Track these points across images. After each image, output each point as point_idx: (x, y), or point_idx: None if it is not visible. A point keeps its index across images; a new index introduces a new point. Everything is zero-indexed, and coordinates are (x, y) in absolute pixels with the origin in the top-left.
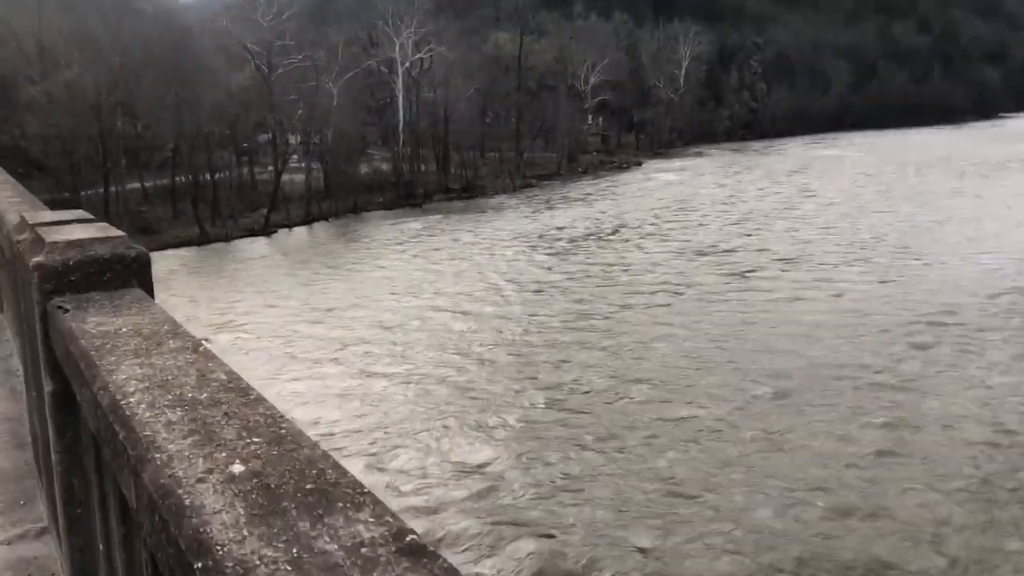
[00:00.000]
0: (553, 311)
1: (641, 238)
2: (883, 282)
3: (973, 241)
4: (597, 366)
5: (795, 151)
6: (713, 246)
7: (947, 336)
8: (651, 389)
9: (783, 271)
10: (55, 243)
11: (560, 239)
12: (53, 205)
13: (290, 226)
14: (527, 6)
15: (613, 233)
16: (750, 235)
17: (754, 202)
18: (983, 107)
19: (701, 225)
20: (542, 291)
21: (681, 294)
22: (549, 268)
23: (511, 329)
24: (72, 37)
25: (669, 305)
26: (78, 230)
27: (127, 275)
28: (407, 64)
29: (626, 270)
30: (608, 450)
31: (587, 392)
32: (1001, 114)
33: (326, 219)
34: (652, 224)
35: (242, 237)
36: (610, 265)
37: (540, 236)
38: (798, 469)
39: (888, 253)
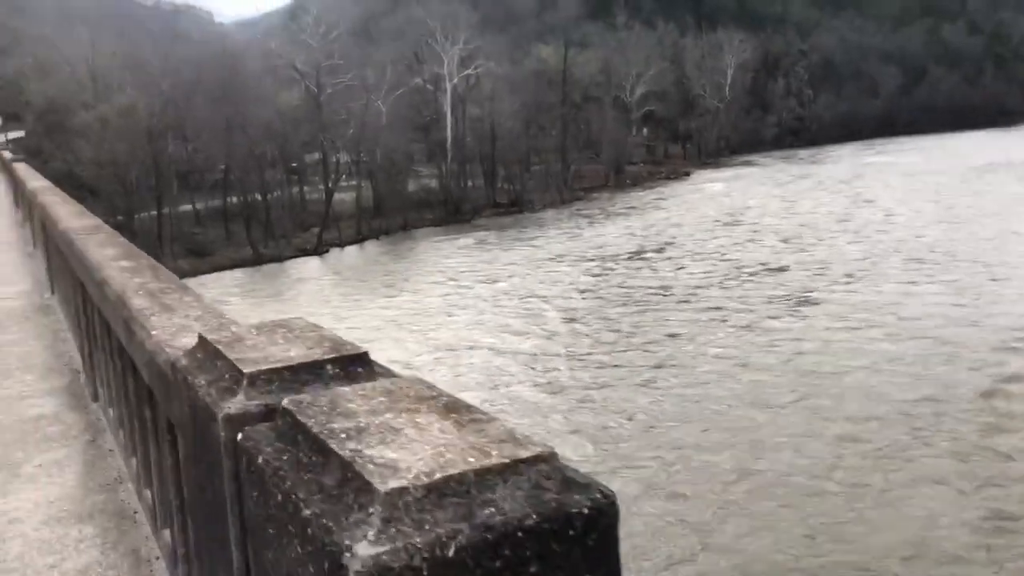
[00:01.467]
0: (598, 340)
1: (695, 256)
2: (958, 304)
3: None
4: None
5: (846, 158)
6: (767, 263)
7: None
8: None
9: (848, 292)
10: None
11: (610, 257)
12: None
13: (342, 245)
14: (570, 18)
15: (661, 251)
16: (806, 251)
17: (807, 214)
18: None
19: (752, 240)
20: (586, 317)
21: (741, 323)
22: (596, 290)
23: (554, 363)
24: (123, 62)
25: (729, 334)
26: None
27: None
28: (455, 80)
29: (682, 291)
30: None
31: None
32: None
33: (376, 237)
34: (705, 239)
35: (294, 257)
36: (664, 289)
37: (588, 254)
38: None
39: (961, 269)
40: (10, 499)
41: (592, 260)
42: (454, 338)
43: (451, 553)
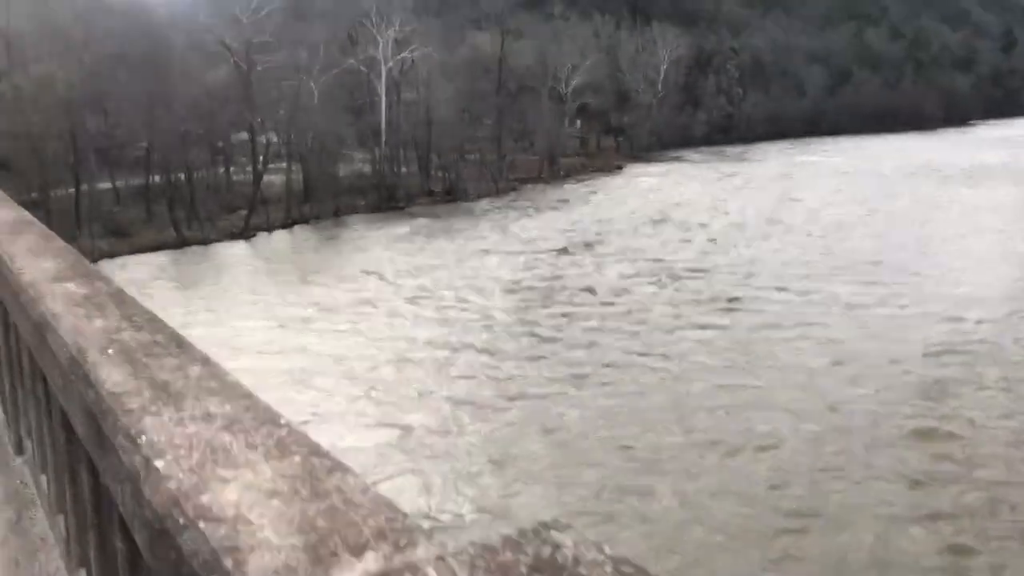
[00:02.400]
0: (517, 346)
1: (622, 254)
2: (888, 304)
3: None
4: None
5: (774, 156)
6: (697, 266)
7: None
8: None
9: (775, 296)
10: None
11: (539, 252)
12: (20, 206)
13: (269, 229)
14: (506, 7)
15: (590, 247)
16: (732, 251)
17: (736, 213)
18: (953, 114)
19: (684, 241)
20: (506, 320)
21: (665, 327)
22: (520, 289)
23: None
24: (41, 30)
25: (651, 339)
26: None
27: None
28: (390, 64)
29: (607, 292)
30: None
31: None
32: (971, 121)
33: (307, 222)
34: (633, 237)
35: (220, 240)
36: (588, 289)
37: (517, 248)
38: None
39: (888, 272)
40: None
41: (521, 254)
42: (363, 341)
43: None
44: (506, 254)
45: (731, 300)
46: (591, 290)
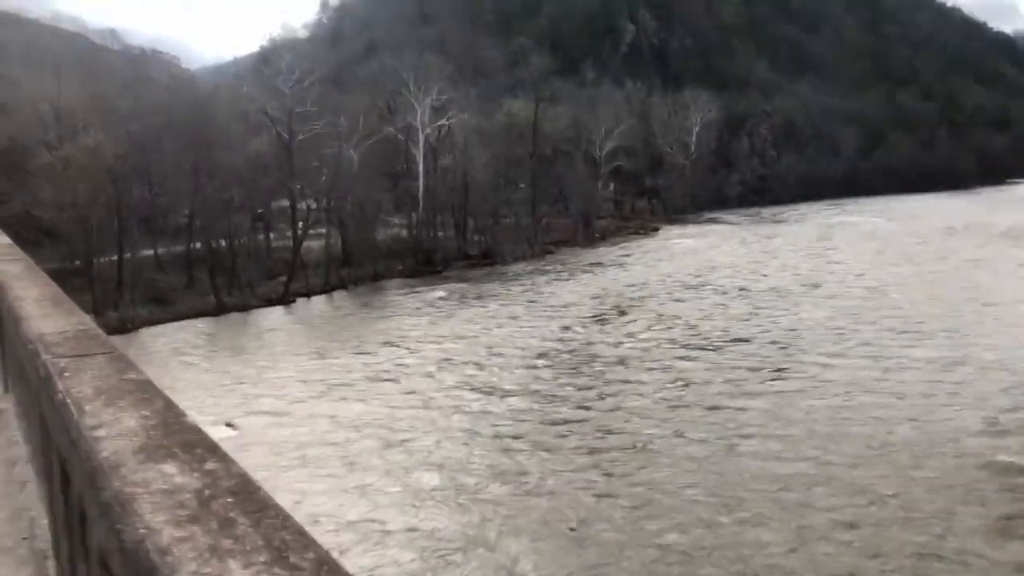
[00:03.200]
0: (546, 421)
1: (661, 320)
2: (946, 379)
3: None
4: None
5: (810, 217)
6: (737, 334)
7: None
8: None
9: (826, 366)
10: None
11: (577, 318)
12: (64, 274)
13: (309, 295)
14: (540, 74)
15: (625, 313)
16: (775, 319)
17: (775, 277)
18: (990, 172)
19: (720, 304)
20: (538, 391)
21: (706, 403)
22: (555, 357)
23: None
24: (89, 104)
25: (692, 416)
26: None
27: None
28: (427, 130)
29: (646, 362)
30: None
31: None
32: (1009, 180)
33: (345, 287)
34: (672, 302)
35: (260, 307)
36: (624, 360)
37: (555, 313)
38: None
39: (941, 339)
40: None
41: (558, 318)
42: (391, 411)
43: None
44: (538, 320)
45: (777, 370)
46: (623, 362)
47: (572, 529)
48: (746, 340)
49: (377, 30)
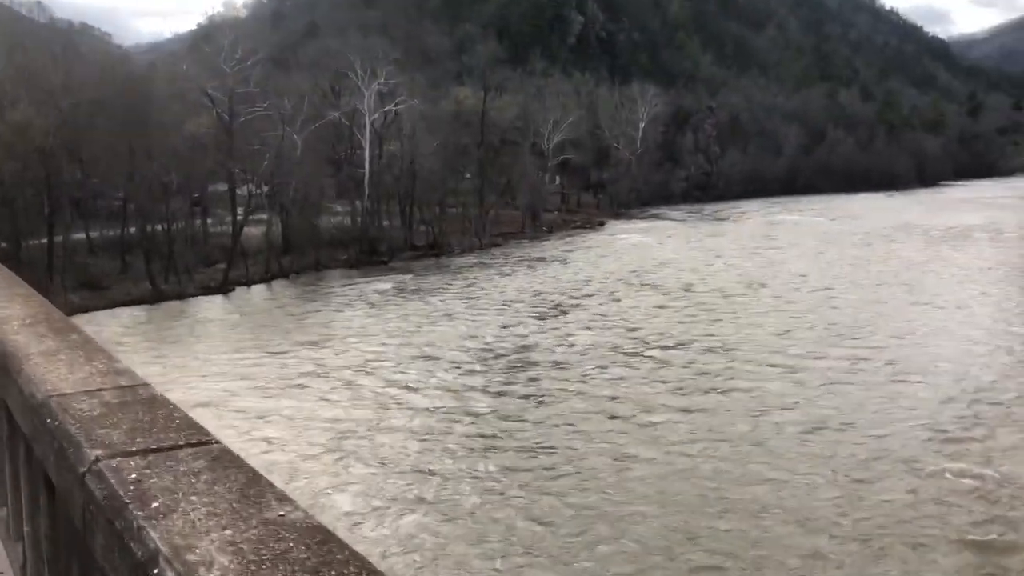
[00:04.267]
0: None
1: (601, 321)
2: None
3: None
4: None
5: (753, 215)
6: (679, 338)
7: None
8: None
9: (769, 375)
10: None
11: (522, 313)
12: None
13: (248, 284)
14: (488, 62)
15: (567, 312)
16: (718, 323)
17: (719, 276)
18: (924, 174)
19: (663, 308)
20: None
21: (629, 412)
22: (492, 357)
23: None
24: (16, 76)
25: (616, 427)
26: None
27: None
28: (374, 116)
29: (584, 366)
30: None
31: None
32: (941, 182)
33: (286, 276)
34: (615, 301)
35: (198, 295)
36: (560, 363)
37: (499, 310)
38: None
39: (889, 344)
40: None
41: (500, 316)
42: (329, 413)
43: None
44: (478, 317)
45: (717, 376)
46: (560, 366)
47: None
48: (686, 344)
49: (319, 11)
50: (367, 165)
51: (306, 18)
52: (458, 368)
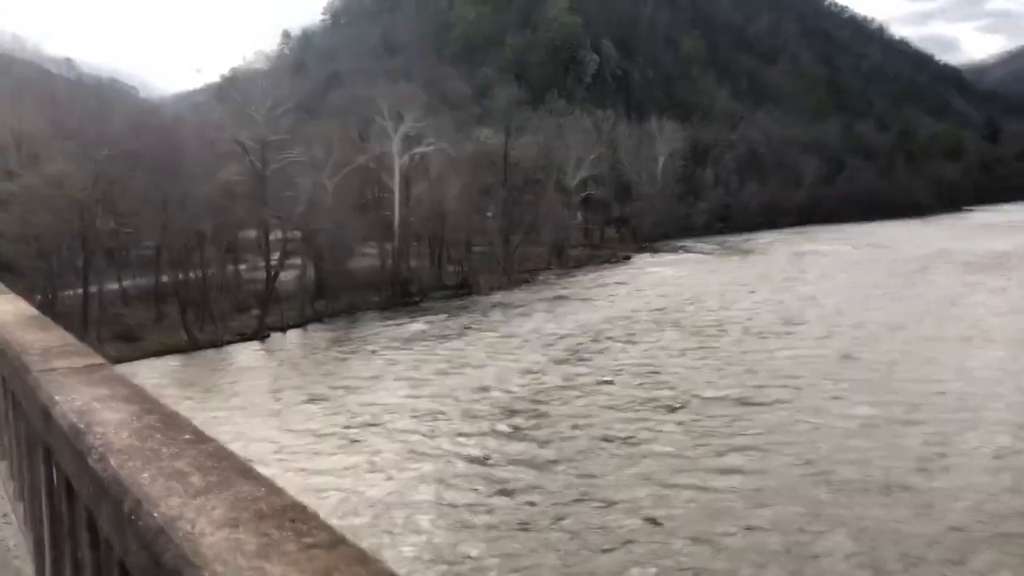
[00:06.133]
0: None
1: (629, 369)
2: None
3: None
4: None
5: (778, 246)
6: (719, 386)
7: None
8: None
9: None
10: None
11: (539, 361)
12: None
13: (283, 329)
14: (509, 104)
15: (594, 357)
16: (758, 369)
17: (751, 314)
18: (946, 200)
19: (693, 352)
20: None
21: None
22: (527, 409)
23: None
24: (52, 131)
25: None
26: None
27: None
28: (403, 159)
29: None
30: None
31: None
32: (963, 208)
33: (321, 320)
34: (642, 343)
35: (233, 342)
36: (610, 408)
37: (520, 356)
38: None
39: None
40: None
41: (517, 360)
42: (368, 466)
43: None
44: (502, 361)
45: (755, 435)
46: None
47: None
48: (730, 397)
49: (341, 60)
50: (396, 208)
51: (328, 67)
52: (502, 416)
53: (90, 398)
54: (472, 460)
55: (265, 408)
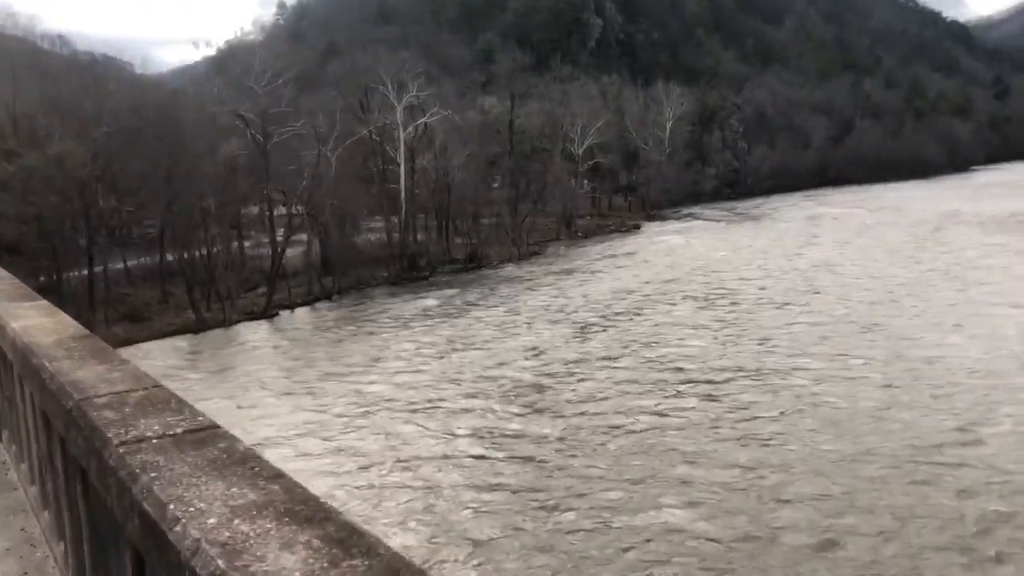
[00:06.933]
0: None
1: (642, 342)
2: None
3: None
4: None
5: (789, 211)
6: (729, 361)
7: None
8: None
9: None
10: None
11: (545, 340)
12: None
13: (292, 307)
14: (513, 70)
15: (607, 328)
16: (779, 339)
17: (767, 281)
18: (955, 160)
19: (708, 328)
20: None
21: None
22: (541, 386)
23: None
24: (50, 109)
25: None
26: None
27: None
28: (408, 130)
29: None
30: None
31: None
32: (972, 167)
33: (329, 297)
34: (657, 313)
35: (241, 321)
36: (625, 384)
37: (528, 333)
38: None
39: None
40: None
41: (524, 339)
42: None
43: None
44: (507, 341)
45: (773, 417)
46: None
47: None
48: (741, 371)
49: (337, 30)
50: (402, 180)
51: (324, 37)
52: (513, 394)
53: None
54: (507, 435)
55: (280, 387)
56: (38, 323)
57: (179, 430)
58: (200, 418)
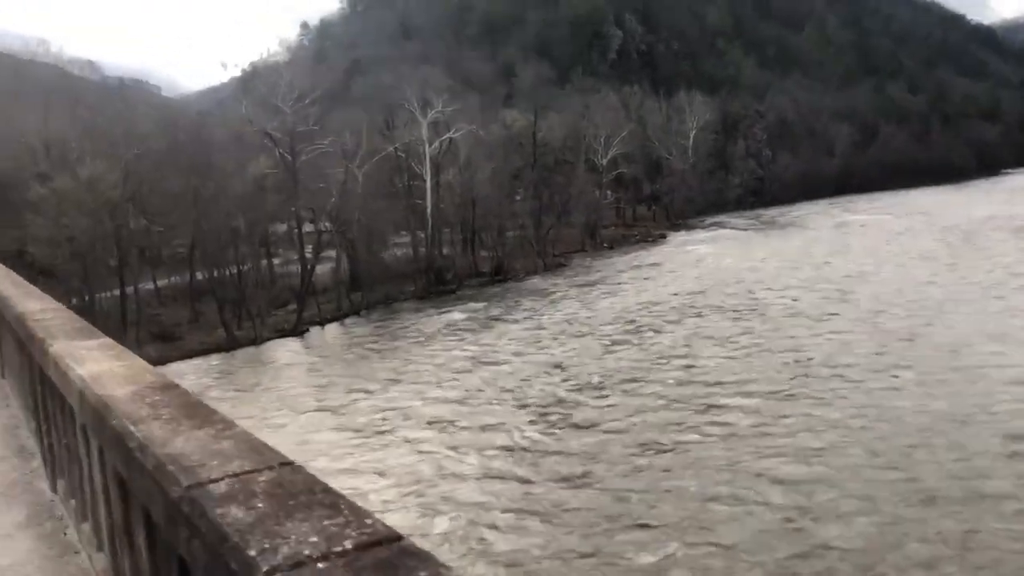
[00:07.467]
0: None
1: (673, 364)
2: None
3: None
4: None
5: (815, 219)
6: (774, 385)
7: None
8: None
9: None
10: None
11: (570, 355)
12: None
13: (321, 323)
14: (536, 83)
15: (637, 344)
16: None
17: (799, 292)
18: (984, 163)
19: (736, 345)
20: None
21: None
22: (566, 404)
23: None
24: (81, 133)
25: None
26: None
27: None
28: (433, 145)
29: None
30: None
31: None
32: (1003, 170)
33: (358, 313)
34: (685, 327)
35: (272, 338)
36: (661, 402)
37: (551, 350)
38: None
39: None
40: None
41: (544, 356)
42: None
43: None
44: (535, 355)
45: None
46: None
47: None
48: (788, 394)
49: (360, 48)
50: (428, 195)
51: (347, 56)
52: (539, 411)
53: None
54: (535, 450)
55: (312, 405)
56: (107, 368)
57: (348, 544)
58: (368, 521)
